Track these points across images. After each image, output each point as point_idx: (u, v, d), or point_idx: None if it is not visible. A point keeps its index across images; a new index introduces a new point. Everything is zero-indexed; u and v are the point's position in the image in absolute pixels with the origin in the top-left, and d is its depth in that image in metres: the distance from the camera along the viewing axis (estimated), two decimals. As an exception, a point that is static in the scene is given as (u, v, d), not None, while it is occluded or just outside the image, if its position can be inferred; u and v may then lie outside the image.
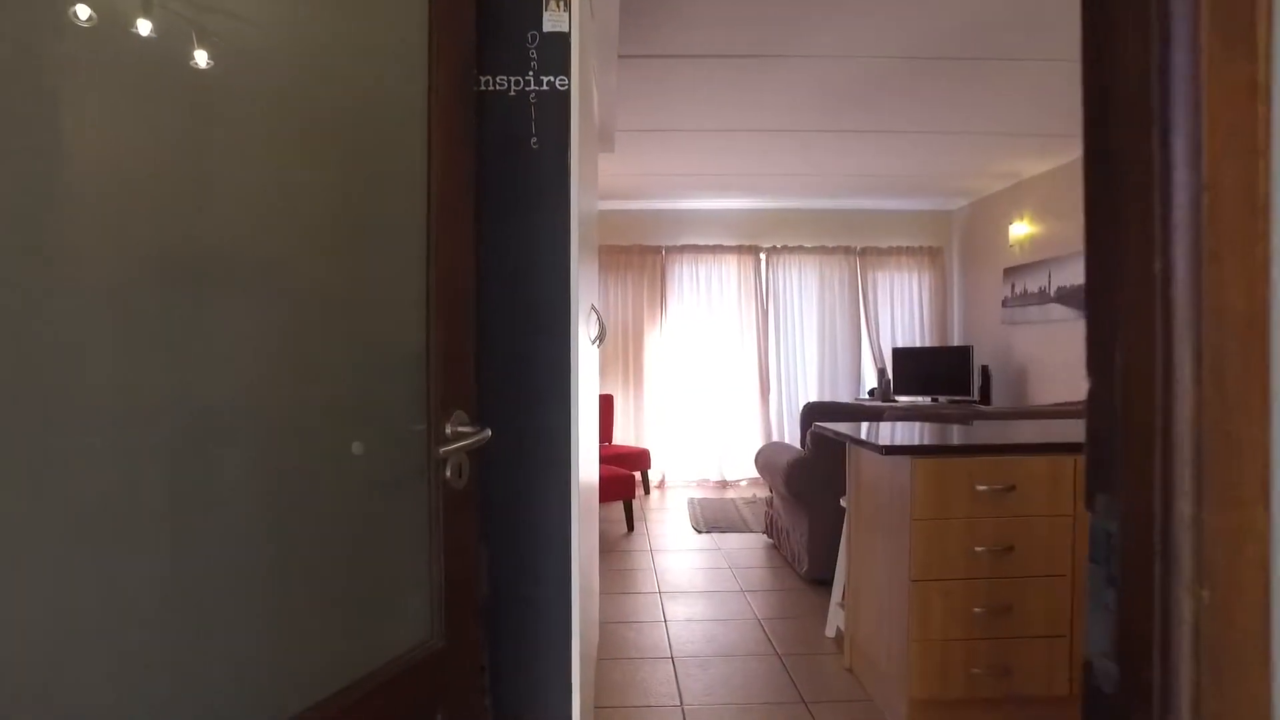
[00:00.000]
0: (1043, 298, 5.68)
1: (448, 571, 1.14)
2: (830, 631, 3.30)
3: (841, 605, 3.16)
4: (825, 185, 6.54)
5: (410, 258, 1.12)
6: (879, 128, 4.90)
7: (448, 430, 1.13)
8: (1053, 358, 5.70)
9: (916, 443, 2.46)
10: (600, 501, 5.33)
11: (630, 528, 5.37)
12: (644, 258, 7.27)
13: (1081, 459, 2.18)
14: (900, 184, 6.44)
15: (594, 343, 2.16)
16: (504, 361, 1.63)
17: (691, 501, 6.34)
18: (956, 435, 2.71)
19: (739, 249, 7.28)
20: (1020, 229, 6.02)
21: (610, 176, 6.21)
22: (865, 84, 4.12)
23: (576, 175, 1.64)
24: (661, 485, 7.16)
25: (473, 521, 1.21)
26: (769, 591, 3.96)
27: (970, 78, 4.01)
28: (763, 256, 7.32)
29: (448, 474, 1.13)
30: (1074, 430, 2.76)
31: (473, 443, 1.13)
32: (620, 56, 3.69)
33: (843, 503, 3.14)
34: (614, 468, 5.35)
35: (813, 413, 4.31)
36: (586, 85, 1.84)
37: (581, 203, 1.75)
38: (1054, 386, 5.68)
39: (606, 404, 6.83)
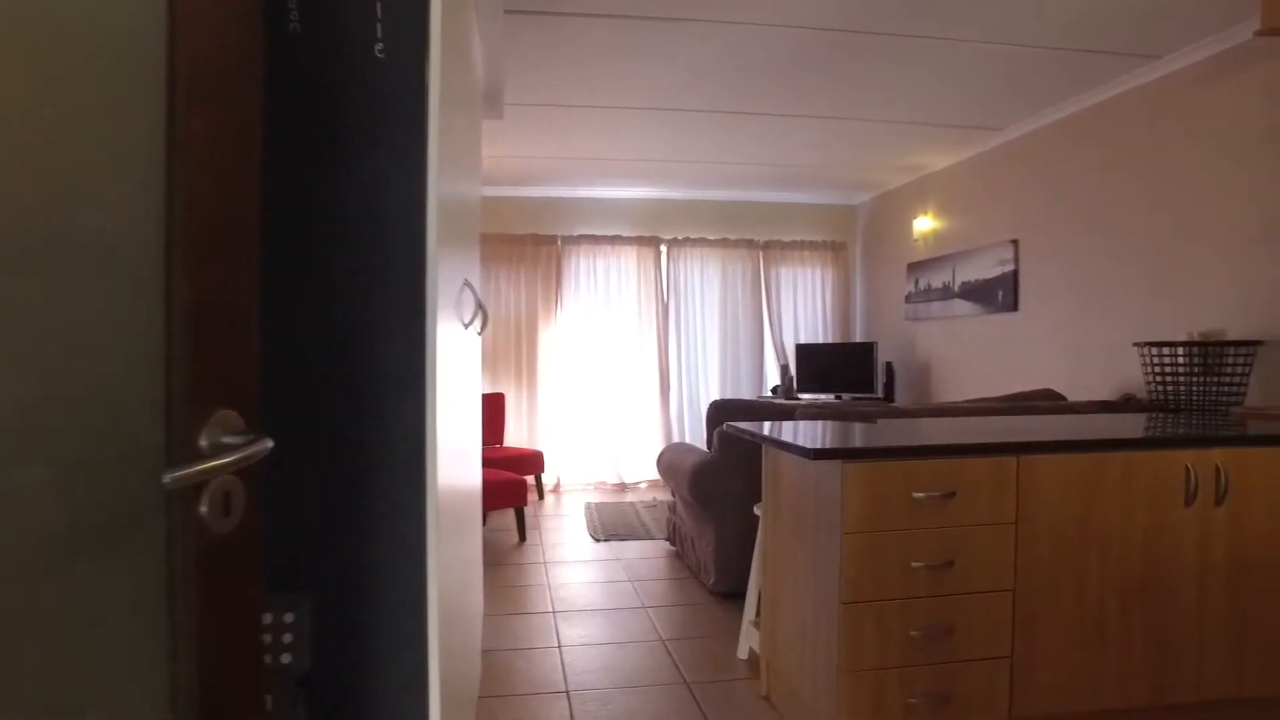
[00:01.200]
0: (946, 293, 5.61)
1: (204, 664, 0.71)
2: (743, 653, 2.99)
3: (755, 624, 2.85)
4: (729, 175, 6.30)
5: (146, 176, 0.69)
6: (786, 111, 4.66)
7: (203, 443, 0.71)
8: (956, 354, 5.64)
9: (845, 445, 2.16)
10: (489, 509, 4.89)
11: (522, 538, 4.94)
12: (538, 248, 6.84)
13: (1025, 459, 1.92)
14: (805, 175, 6.26)
15: (468, 327, 1.75)
16: (330, 344, 1.20)
17: (589, 506, 5.96)
18: (882, 435, 2.43)
19: (639, 240, 6.96)
20: (924, 224, 5.94)
21: (502, 159, 5.76)
22: (771, 59, 3.85)
23: (437, 95, 1.23)
24: (557, 489, 6.74)
25: (251, 579, 0.79)
26: (673, 607, 3.62)
27: (886, 57, 3.79)
28: (663, 249, 7.02)
29: (204, 509, 0.70)
30: (1006, 427, 2.54)
31: (240, 459, 0.71)
32: (507, 11, 3.27)
33: (756, 511, 2.84)
34: (504, 472, 4.91)
35: (720, 411, 4.00)
36: (455, -15, 1.43)
37: (450, 136, 1.34)
38: (958, 383, 5.61)
39: (498, 403, 6.37)
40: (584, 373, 6.84)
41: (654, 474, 6.59)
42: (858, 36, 3.57)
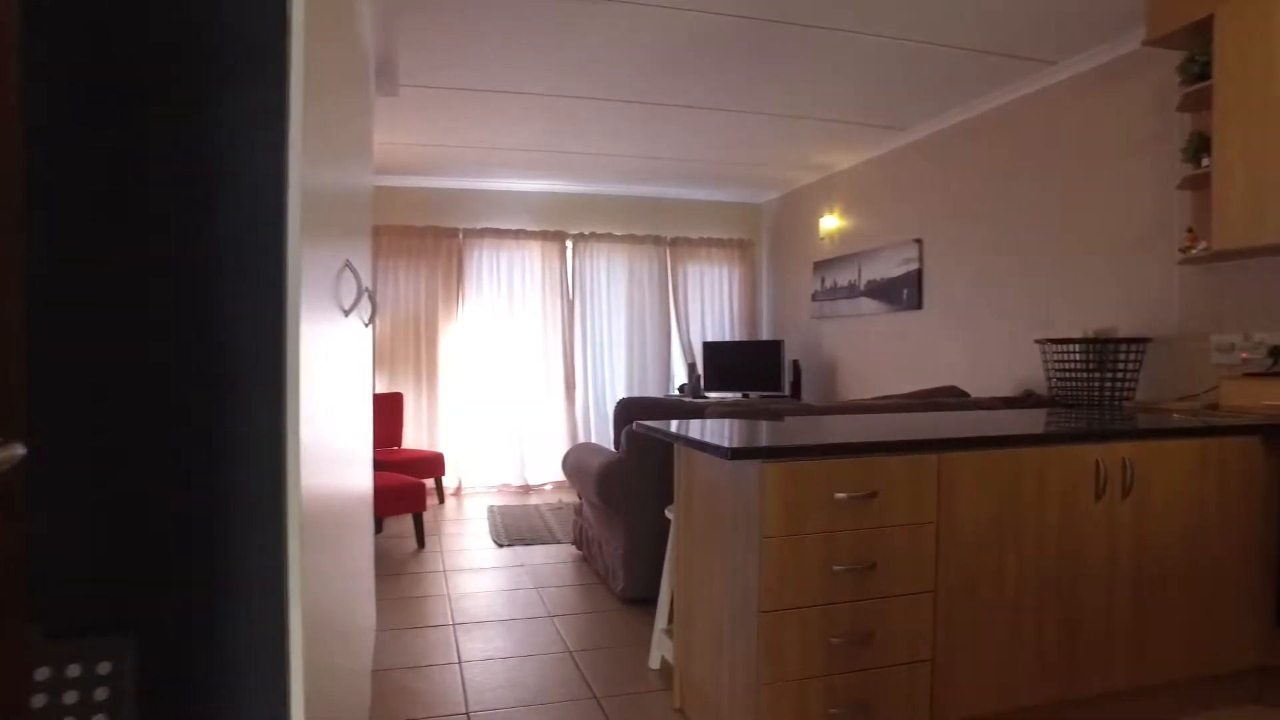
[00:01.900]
0: (852, 291, 5.65)
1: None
2: (654, 663, 2.85)
3: (667, 632, 2.72)
4: (636, 169, 6.17)
5: None
6: (694, 103, 4.56)
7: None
8: (862, 352, 5.69)
9: (763, 444, 2.04)
10: (385, 516, 4.60)
11: (421, 544, 4.66)
12: (439, 241, 6.53)
13: (946, 457, 1.85)
14: (712, 171, 6.20)
15: (349, 314, 1.53)
16: (158, 328, 0.98)
17: (491, 510, 5.71)
18: (800, 434, 2.34)
19: (544, 235, 6.74)
20: (830, 222, 5.97)
21: (400, 147, 5.44)
22: (680, 47, 3.73)
23: (302, 30, 1.02)
24: (458, 492, 6.46)
25: (6, 631, 0.58)
26: (581, 615, 3.45)
27: (793, 51, 3.73)
28: (569, 244, 6.83)
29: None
30: (922, 424, 2.49)
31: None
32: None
33: (668, 513, 2.70)
34: (402, 475, 4.62)
35: (628, 410, 3.86)
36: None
37: (319, 83, 1.13)
38: (863, 380, 5.66)
39: (395, 403, 6.04)
40: (487, 371, 6.58)
41: (559, 475, 6.40)
42: (767, 25, 3.49)
